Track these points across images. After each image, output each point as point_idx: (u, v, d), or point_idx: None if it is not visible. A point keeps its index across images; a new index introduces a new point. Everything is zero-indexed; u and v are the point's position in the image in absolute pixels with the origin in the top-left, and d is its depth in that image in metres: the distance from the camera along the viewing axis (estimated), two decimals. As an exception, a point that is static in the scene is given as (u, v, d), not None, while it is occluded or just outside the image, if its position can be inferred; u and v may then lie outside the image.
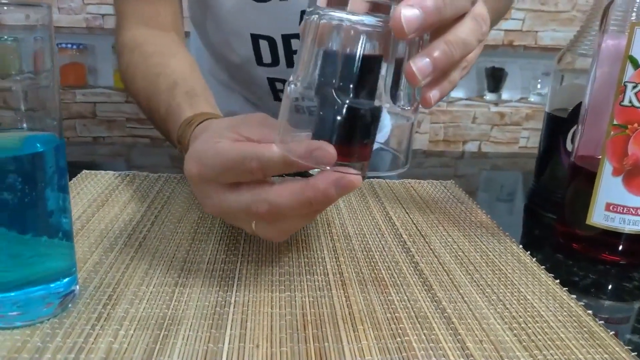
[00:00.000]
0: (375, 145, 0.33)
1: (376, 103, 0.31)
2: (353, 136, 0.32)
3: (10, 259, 0.31)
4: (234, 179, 0.35)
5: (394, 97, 0.32)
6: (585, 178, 0.47)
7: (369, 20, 0.30)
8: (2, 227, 0.30)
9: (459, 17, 0.33)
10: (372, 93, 0.31)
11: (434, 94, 0.34)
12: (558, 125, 0.56)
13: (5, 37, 0.29)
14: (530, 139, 2.34)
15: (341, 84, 0.31)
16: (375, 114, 0.32)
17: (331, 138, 0.31)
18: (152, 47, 0.60)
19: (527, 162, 0.91)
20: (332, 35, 0.31)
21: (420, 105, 0.34)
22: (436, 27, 0.31)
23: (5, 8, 0.29)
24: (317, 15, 0.31)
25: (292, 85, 0.32)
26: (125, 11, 0.65)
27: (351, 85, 0.31)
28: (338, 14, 0.30)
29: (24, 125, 0.31)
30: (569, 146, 0.54)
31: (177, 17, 0.67)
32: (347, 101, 0.31)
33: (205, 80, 0.57)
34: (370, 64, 0.31)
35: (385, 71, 0.31)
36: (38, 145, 0.32)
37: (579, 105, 0.51)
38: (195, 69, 0.58)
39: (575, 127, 0.51)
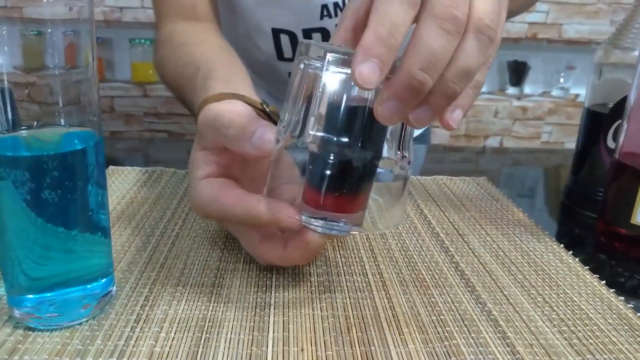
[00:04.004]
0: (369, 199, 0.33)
1: (361, 155, 0.30)
2: (336, 188, 0.31)
3: (63, 254, 0.31)
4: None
5: (380, 149, 0.31)
6: (630, 176, 0.46)
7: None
8: (48, 224, 0.30)
9: None
10: (356, 144, 0.30)
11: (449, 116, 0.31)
12: (598, 121, 0.54)
13: (47, 32, 0.28)
14: (553, 134, 2.30)
15: (324, 134, 0.30)
16: (360, 165, 0.31)
17: (318, 188, 0.31)
18: (182, 38, 0.60)
19: (550, 158, 0.89)
20: (316, 84, 0.30)
21: (410, 160, 0.33)
22: None
23: (45, 1, 0.28)
24: (303, 64, 0.30)
25: (281, 135, 0.32)
26: (163, 7, 0.65)
27: (334, 136, 0.30)
28: (321, 63, 0.29)
29: (62, 121, 0.30)
30: (610, 143, 0.52)
31: (213, 6, 0.66)
32: (332, 153, 0.30)
33: None
34: (354, 115, 0.30)
35: (371, 123, 0.29)
36: (77, 142, 0.31)
37: (622, 100, 0.49)
38: (224, 49, 0.57)
39: (618, 122, 0.49)
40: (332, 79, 0.29)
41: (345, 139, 0.30)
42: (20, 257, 0.30)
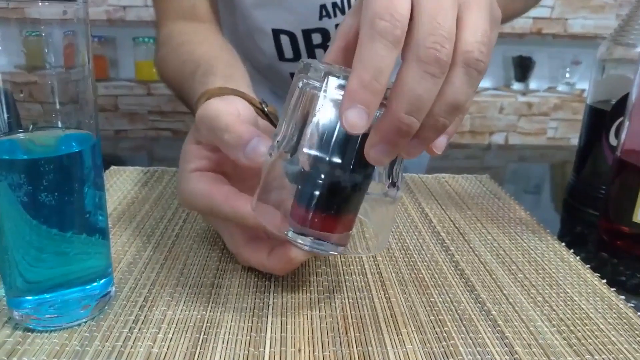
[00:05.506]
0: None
1: (351, 177, 0.30)
2: (324, 208, 0.31)
3: (56, 257, 0.31)
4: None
5: (370, 173, 0.31)
6: (631, 173, 0.46)
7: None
8: (44, 226, 0.30)
9: None
10: (347, 167, 0.30)
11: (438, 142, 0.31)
12: (600, 118, 0.54)
13: (42, 32, 0.29)
14: (558, 130, 2.29)
15: (317, 154, 0.30)
16: (350, 188, 0.31)
17: (307, 207, 0.31)
18: (182, 37, 0.60)
19: (556, 154, 0.89)
20: (313, 105, 0.30)
21: (399, 187, 0.33)
22: None
23: (40, 4, 0.29)
24: (302, 83, 0.30)
25: (274, 149, 0.32)
26: (163, 8, 0.65)
27: (326, 157, 0.30)
28: (320, 84, 0.29)
29: (59, 123, 0.31)
30: (612, 140, 0.52)
31: (213, 7, 0.67)
32: (322, 173, 0.30)
33: None
34: (347, 138, 0.29)
35: (363, 147, 0.29)
36: (73, 144, 0.31)
37: (625, 97, 0.49)
38: (224, 49, 0.57)
39: (620, 119, 0.49)
40: (329, 102, 0.29)
41: (337, 161, 0.30)
42: (17, 260, 0.30)
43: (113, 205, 0.51)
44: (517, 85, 2.30)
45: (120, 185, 0.56)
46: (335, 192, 0.30)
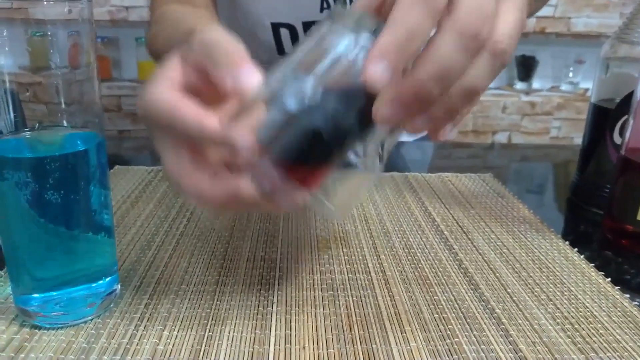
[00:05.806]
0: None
1: (343, 131, 0.29)
2: (302, 157, 0.29)
3: (62, 255, 0.31)
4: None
5: (358, 135, 0.29)
6: (636, 172, 0.45)
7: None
8: (50, 224, 0.30)
9: None
10: (345, 119, 0.29)
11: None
12: (604, 117, 0.53)
13: (47, 32, 0.29)
14: (562, 129, 2.28)
15: (316, 102, 0.28)
16: (335, 144, 0.29)
17: (287, 148, 0.28)
18: (177, 15, 0.59)
19: (559, 153, 0.89)
20: (333, 44, 0.28)
21: (380, 164, 0.31)
22: None
23: (45, 3, 0.29)
24: (326, 27, 0.29)
25: (268, 86, 0.30)
26: None
27: (325, 106, 0.28)
28: (349, 26, 0.28)
29: (64, 123, 0.31)
30: (616, 138, 0.52)
31: None
32: (314, 121, 0.28)
33: None
34: (357, 89, 0.28)
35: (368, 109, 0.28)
36: (79, 143, 0.31)
37: (629, 95, 0.49)
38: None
39: (624, 118, 0.49)
40: (354, 48, 0.28)
41: (337, 110, 0.28)
42: (24, 258, 0.31)
43: (118, 204, 0.51)
44: (520, 85, 2.30)
45: (125, 184, 0.56)
46: (321, 142, 0.29)
